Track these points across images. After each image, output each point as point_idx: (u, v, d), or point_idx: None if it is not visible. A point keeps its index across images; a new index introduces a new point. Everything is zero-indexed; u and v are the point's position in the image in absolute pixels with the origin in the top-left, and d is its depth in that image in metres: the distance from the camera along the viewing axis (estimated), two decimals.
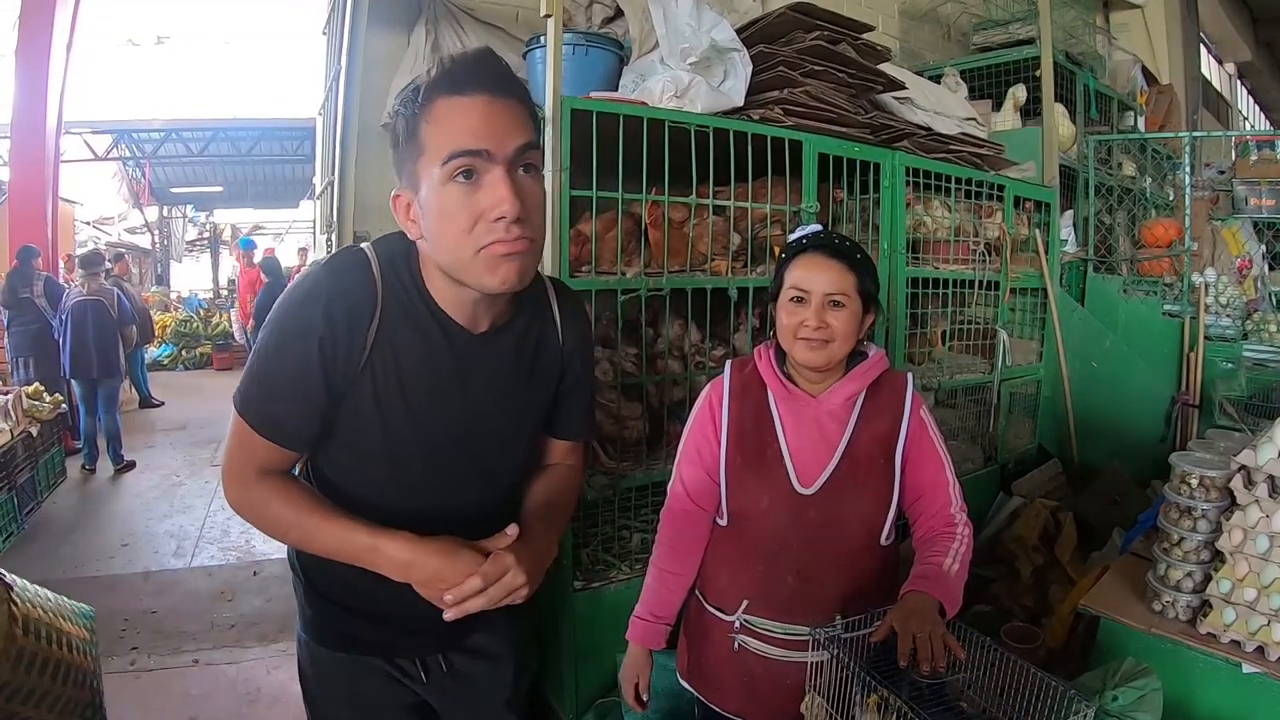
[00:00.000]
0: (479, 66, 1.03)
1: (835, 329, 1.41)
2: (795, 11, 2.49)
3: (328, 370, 1.07)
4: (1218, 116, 10.06)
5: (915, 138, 2.93)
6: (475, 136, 1.00)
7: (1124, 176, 4.79)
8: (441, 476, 1.20)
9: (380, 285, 1.10)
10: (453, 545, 1.07)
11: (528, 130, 1.04)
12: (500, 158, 1.01)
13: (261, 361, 1.09)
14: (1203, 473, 1.84)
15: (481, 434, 1.21)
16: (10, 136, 7.40)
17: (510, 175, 1.01)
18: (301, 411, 1.10)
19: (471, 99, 1.01)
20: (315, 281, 1.10)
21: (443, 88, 1.02)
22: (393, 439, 1.15)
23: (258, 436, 1.09)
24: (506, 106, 1.03)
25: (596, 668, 2.23)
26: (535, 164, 1.07)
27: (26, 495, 4.72)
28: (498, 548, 1.08)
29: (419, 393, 1.14)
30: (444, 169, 1.01)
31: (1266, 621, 1.69)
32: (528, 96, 1.08)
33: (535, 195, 1.06)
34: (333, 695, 1.32)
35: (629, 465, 2.32)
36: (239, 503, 1.13)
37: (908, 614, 1.25)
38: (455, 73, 1.02)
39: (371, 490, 1.18)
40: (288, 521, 1.11)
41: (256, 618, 3.55)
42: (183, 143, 14.58)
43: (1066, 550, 2.82)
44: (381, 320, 1.09)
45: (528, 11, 3.20)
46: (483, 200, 1.01)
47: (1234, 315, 3.86)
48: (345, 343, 1.07)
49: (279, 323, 1.09)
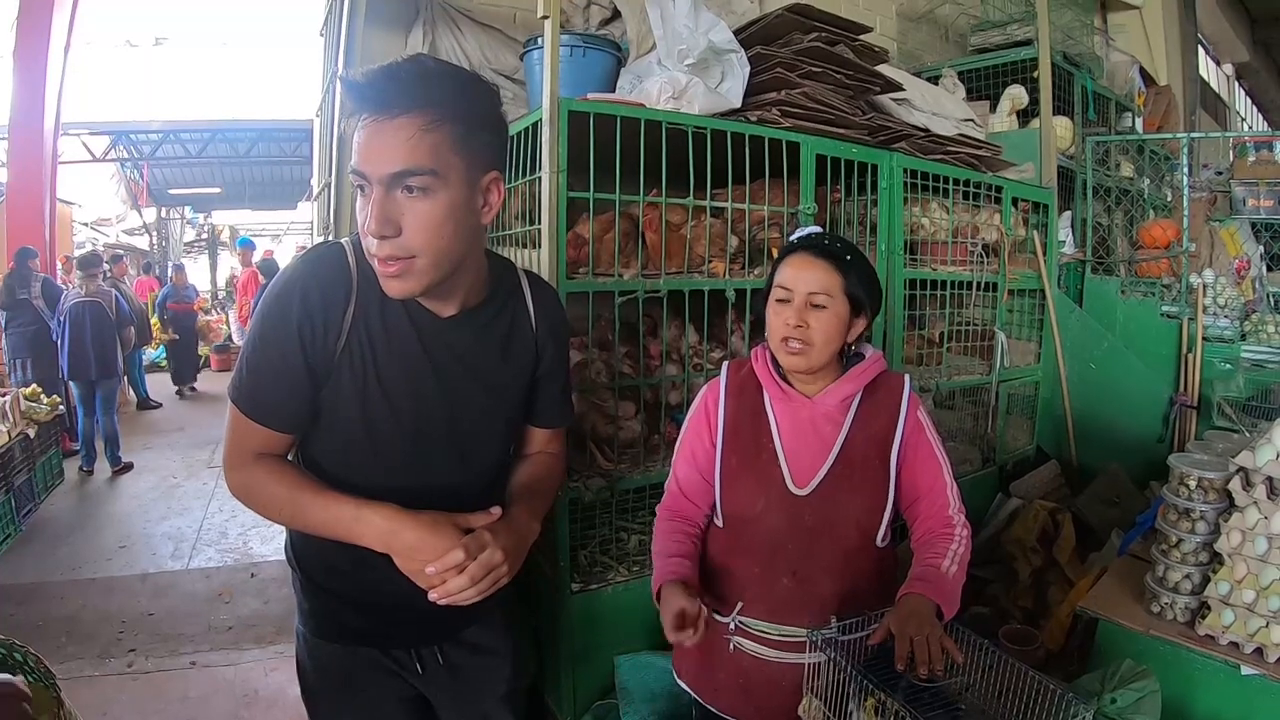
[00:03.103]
0: (369, 87, 1.05)
1: (814, 331, 1.40)
2: (793, 13, 2.48)
3: (308, 354, 1.13)
4: (1215, 117, 10.07)
5: (913, 139, 2.93)
6: (359, 156, 1.06)
7: (1122, 177, 4.80)
8: (422, 458, 1.24)
9: (355, 273, 1.16)
10: (434, 518, 1.12)
11: (415, 154, 1.04)
12: (374, 179, 1.05)
13: (249, 351, 1.16)
14: (1201, 474, 1.84)
15: (458, 415, 1.26)
16: (8, 137, 7.40)
17: (385, 196, 1.05)
18: (288, 395, 1.16)
19: (361, 120, 1.06)
20: (293, 271, 1.17)
21: (351, 103, 1.09)
22: (372, 421, 1.19)
23: (250, 422, 1.16)
24: (392, 128, 1.04)
25: (594, 670, 2.23)
26: (425, 186, 1.06)
27: (24, 497, 4.71)
28: (480, 525, 1.15)
29: (393, 376, 1.19)
30: (350, 178, 1.10)
31: (1265, 623, 1.70)
32: (445, 108, 1.06)
33: (417, 214, 1.07)
34: (330, 687, 1.34)
35: (626, 467, 2.32)
36: (237, 486, 1.19)
37: (905, 617, 1.24)
38: (354, 89, 1.06)
39: (356, 473, 1.21)
40: (280, 498, 1.16)
41: (254, 620, 3.54)
42: (181, 144, 14.57)
43: (1065, 552, 2.82)
44: (357, 306, 1.16)
45: (525, 13, 3.20)
46: (362, 214, 1.08)
47: (1232, 316, 3.86)
48: (322, 327, 1.13)
49: (262, 312, 1.15)
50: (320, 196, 3.52)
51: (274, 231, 20.20)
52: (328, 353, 1.15)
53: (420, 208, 1.07)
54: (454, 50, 3.07)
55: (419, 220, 1.07)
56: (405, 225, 1.07)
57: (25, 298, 6.18)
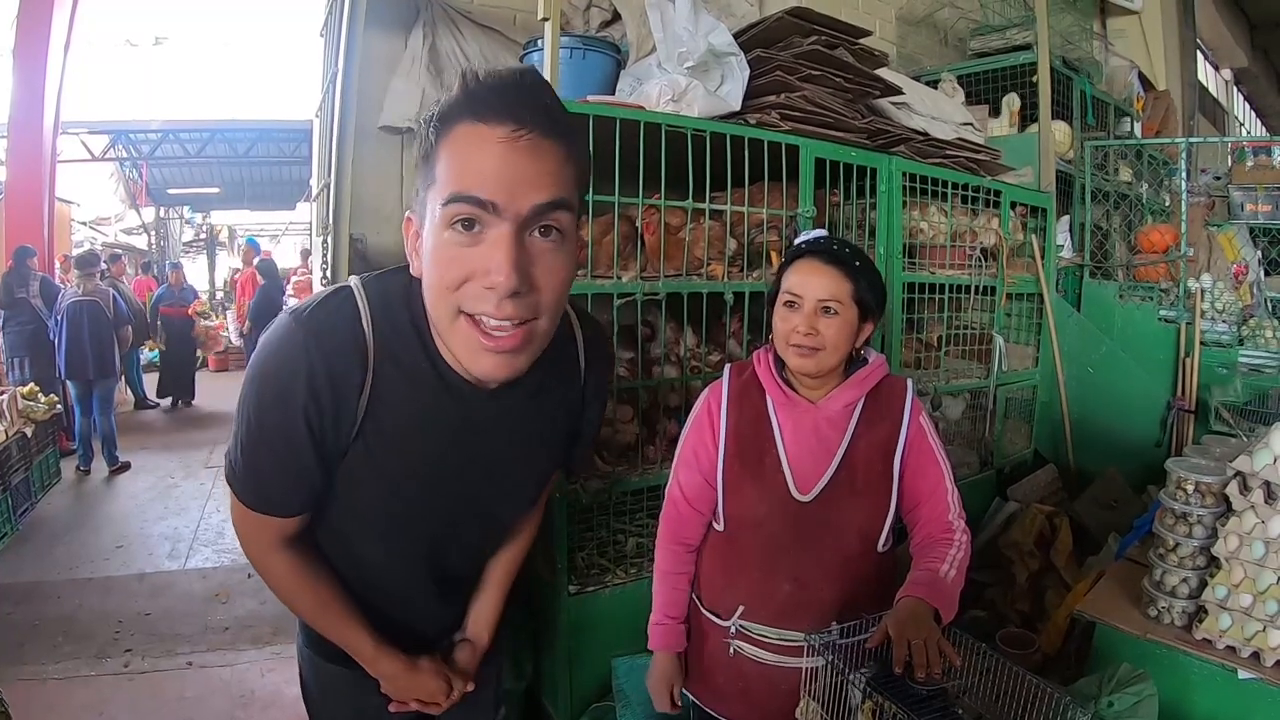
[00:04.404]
0: (512, 90, 0.85)
1: (825, 336, 1.40)
2: (793, 16, 2.49)
3: (316, 443, 0.96)
4: (1214, 122, 10.08)
5: (912, 143, 2.93)
6: (484, 181, 0.82)
7: (1120, 182, 4.80)
8: (446, 529, 1.15)
9: (372, 341, 0.96)
10: (434, 669, 1.21)
11: (557, 183, 0.85)
12: (510, 214, 0.83)
13: (245, 435, 0.98)
14: (1199, 478, 1.84)
15: (491, 491, 1.14)
16: (7, 136, 7.39)
17: (517, 238, 0.84)
18: (295, 483, 1.00)
19: (492, 129, 0.83)
20: (291, 342, 0.94)
21: (464, 109, 0.85)
22: (393, 503, 1.07)
23: (256, 515, 1.02)
24: (535, 146, 0.84)
25: (591, 672, 2.23)
26: (560, 226, 0.87)
27: (21, 496, 4.71)
28: (460, 664, 1.26)
29: (420, 456, 1.04)
30: (444, 210, 0.85)
31: (1262, 627, 1.69)
32: (575, 137, 0.89)
33: (551, 267, 0.88)
34: (335, 708, 1.32)
35: (624, 469, 2.32)
36: (256, 566, 1.10)
37: (903, 620, 1.24)
38: (479, 93, 0.84)
39: (372, 542, 1.12)
40: (302, 605, 1.13)
41: (251, 620, 3.54)
42: (180, 144, 14.55)
43: (1062, 555, 2.82)
44: (374, 383, 0.96)
45: (525, 14, 3.19)
46: (477, 259, 0.85)
47: (1229, 321, 3.87)
48: (332, 413, 0.95)
49: (258, 390, 0.96)
50: (320, 197, 3.51)
51: (272, 232, 20.15)
52: (340, 442, 0.98)
53: (555, 259, 0.88)
54: (454, 52, 3.07)
55: (550, 275, 0.88)
56: (537, 278, 0.87)
57: (23, 296, 6.18)
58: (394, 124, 2.99)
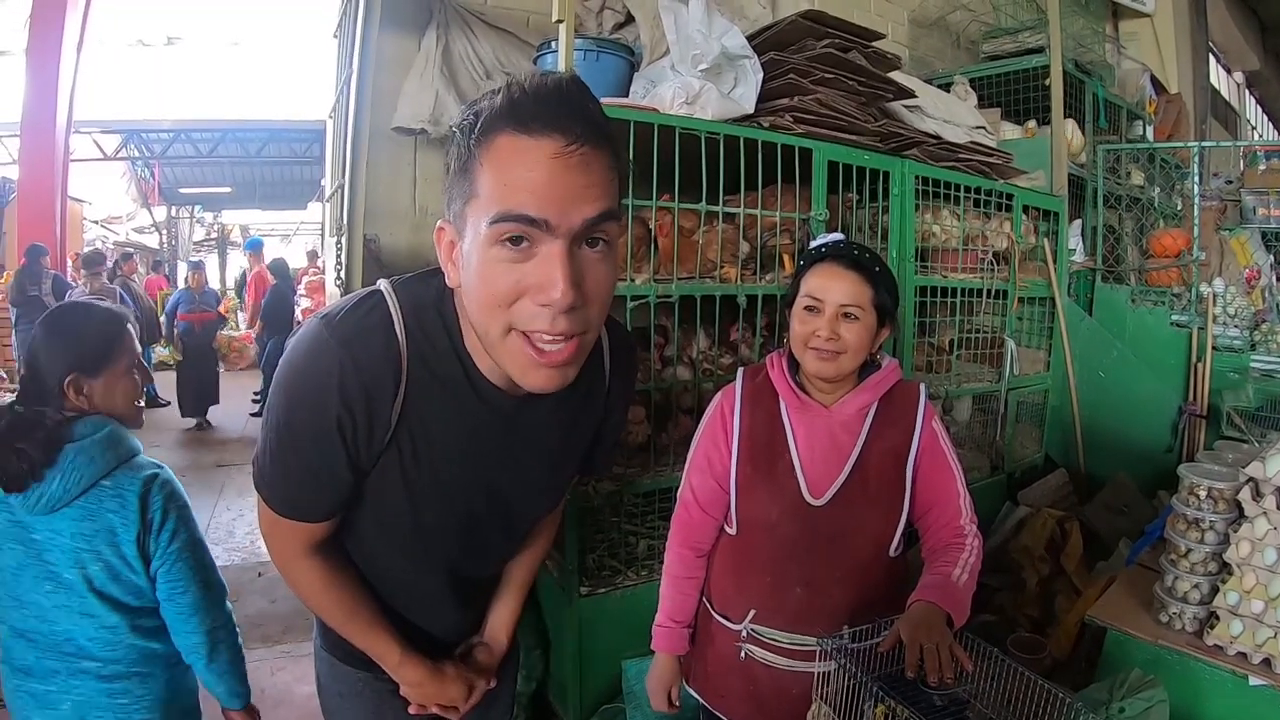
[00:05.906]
0: (556, 100, 0.82)
1: (847, 341, 1.40)
2: (806, 19, 2.49)
3: (350, 451, 0.96)
4: (1226, 126, 10.02)
5: (925, 146, 2.93)
6: (535, 199, 0.80)
7: (1132, 186, 4.79)
8: (471, 537, 1.15)
9: (405, 349, 0.95)
10: (457, 674, 1.22)
11: (606, 195, 0.84)
12: (563, 230, 0.82)
13: (275, 439, 0.97)
14: (1211, 484, 1.84)
15: (516, 495, 1.14)
16: (20, 135, 7.45)
17: (571, 253, 0.83)
18: (325, 489, 1.00)
19: (539, 142, 0.80)
20: (325, 352, 0.92)
21: (507, 120, 0.82)
22: (421, 512, 1.07)
23: (285, 520, 1.03)
24: (585, 159, 0.82)
25: (602, 674, 2.23)
26: (608, 237, 0.86)
27: None
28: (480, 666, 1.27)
29: (451, 464, 1.04)
30: (491, 229, 0.82)
31: (1274, 634, 1.69)
32: (617, 143, 0.88)
33: (600, 279, 0.87)
34: (354, 711, 1.31)
35: (635, 471, 2.33)
36: (283, 573, 1.11)
37: (915, 624, 1.24)
38: (525, 104, 0.82)
39: (396, 552, 1.14)
40: (331, 612, 1.13)
41: (261, 619, 3.55)
42: (192, 143, 14.67)
43: (1073, 560, 2.81)
44: (408, 392, 0.96)
45: (539, 16, 3.21)
46: (530, 275, 0.83)
47: (1242, 326, 3.86)
48: (365, 423, 0.94)
49: (287, 394, 0.95)
50: (332, 198, 3.53)
51: (284, 232, 20.29)
52: (373, 449, 0.97)
53: (603, 270, 0.87)
54: (467, 53, 3.08)
55: (599, 286, 0.87)
56: (588, 291, 0.86)
57: (35, 294, 6.23)
58: (407, 125, 2.99)
